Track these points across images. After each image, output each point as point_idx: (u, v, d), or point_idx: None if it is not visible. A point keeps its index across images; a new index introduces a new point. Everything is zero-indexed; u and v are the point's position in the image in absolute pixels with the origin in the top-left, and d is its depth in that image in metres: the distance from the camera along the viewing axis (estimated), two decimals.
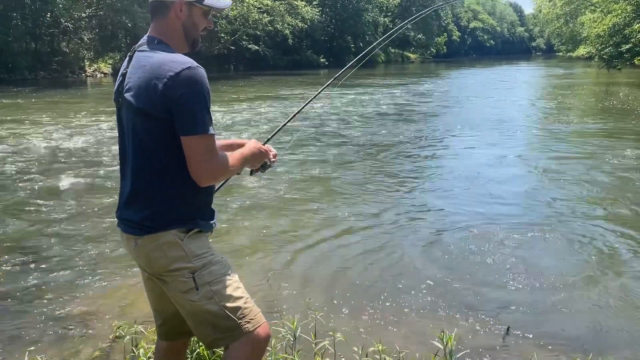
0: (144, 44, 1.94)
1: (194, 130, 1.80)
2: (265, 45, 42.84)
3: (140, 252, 1.91)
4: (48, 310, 3.75)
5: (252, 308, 1.98)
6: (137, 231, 1.90)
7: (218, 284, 1.92)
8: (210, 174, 1.87)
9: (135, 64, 1.89)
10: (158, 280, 1.96)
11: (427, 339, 3.15)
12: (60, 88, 23.79)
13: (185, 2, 1.93)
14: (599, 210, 6.04)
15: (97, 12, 35.14)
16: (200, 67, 1.84)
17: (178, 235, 1.89)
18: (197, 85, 1.80)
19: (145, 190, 1.90)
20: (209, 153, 1.83)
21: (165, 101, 1.78)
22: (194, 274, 1.89)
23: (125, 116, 1.91)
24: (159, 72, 1.79)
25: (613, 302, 3.82)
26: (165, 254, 1.88)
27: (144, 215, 1.88)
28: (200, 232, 1.97)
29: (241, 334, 1.92)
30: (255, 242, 5.10)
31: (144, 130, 1.85)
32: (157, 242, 1.88)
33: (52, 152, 9.51)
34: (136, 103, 1.83)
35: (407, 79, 30.85)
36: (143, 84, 1.81)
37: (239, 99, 19.37)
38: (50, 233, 5.32)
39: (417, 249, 4.92)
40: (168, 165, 1.86)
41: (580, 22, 47.02)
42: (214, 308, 1.90)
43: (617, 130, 12.07)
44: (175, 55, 1.87)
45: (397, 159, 9.05)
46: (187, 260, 1.89)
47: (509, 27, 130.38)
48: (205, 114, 1.82)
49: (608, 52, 34.34)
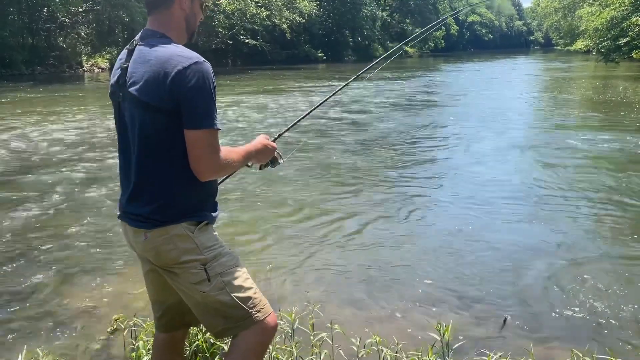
0: (145, 37, 1.93)
1: (199, 124, 1.80)
2: (263, 39, 42.72)
3: (149, 245, 1.92)
4: (46, 304, 3.76)
5: (261, 298, 2.02)
6: (146, 224, 1.90)
7: (229, 275, 1.96)
8: (211, 169, 1.87)
9: (138, 58, 1.88)
10: (166, 273, 1.97)
11: (424, 330, 3.17)
12: (57, 83, 23.71)
13: None
14: (598, 205, 6.05)
15: (94, 6, 34.99)
16: (207, 62, 1.85)
17: (188, 228, 1.91)
18: (205, 80, 1.81)
19: (152, 184, 1.90)
20: (211, 147, 1.84)
21: (172, 95, 1.78)
22: (205, 265, 1.92)
23: (129, 111, 1.90)
24: (167, 66, 1.79)
25: (610, 295, 3.84)
26: (176, 246, 1.90)
27: (153, 209, 1.89)
28: (208, 224, 1.99)
29: (252, 323, 1.96)
30: (253, 235, 5.11)
31: (150, 124, 1.85)
32: (168, 234, 1.89)
33: (48, 147, 9.49)
34: (142, 97, 1.83)
35: (409, 73, 30.82)
36: (150, 78, 1.81)
37: (239, 93, 19.33)
38: (48, 227, 5.33)
39: (415, 241, 4.93)
40: (175, 158, 1.86)
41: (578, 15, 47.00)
42: (226, 298, 1.93)
43: (616, 122, 12.09)
44: (182, 49, 1.87)
45: (397, 155, 9.05)
46: (198, 252, 1.91)
47: (507, 21, 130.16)
48: (212, 108, 1.83)
49: (606, 46, 34.33)
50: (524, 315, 3.54)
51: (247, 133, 10.77)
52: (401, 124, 12.10)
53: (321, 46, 52.44)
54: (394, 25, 72.84)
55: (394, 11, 73.51)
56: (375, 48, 62.82)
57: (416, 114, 13.97)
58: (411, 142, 10.02)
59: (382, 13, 67.16)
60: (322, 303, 3.54)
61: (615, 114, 13.54)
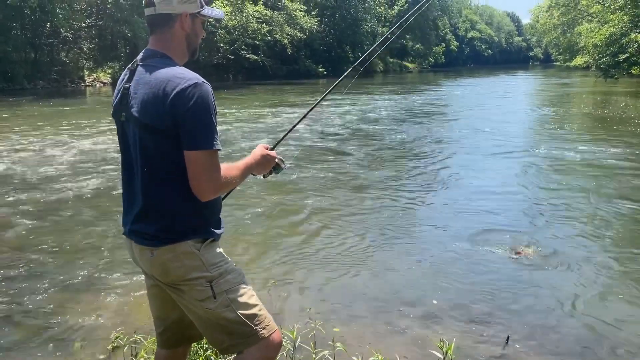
0: (146, 57, 1.95)
1: (198, 145, 1.81)
2: (264, 54, 43.00)
3: (156, 262, 1.93)
4: (46, 320, 3.74)
5: (266, 315, 2.03)
6: (153, 242, 1.91)
7: (235, 292, 1.97)
8: (211, 189, 1.88)
9: (139, 79, 1.90)
10: (172, 289, 1.98)
11: (427, 348, 3.15)
12: (59, 97, 23.82)
13: (190, 14, 1.96)
14: (598, 220, 6.04)
15: (97, 22, 35.29)
16: (207, 82, 1.86)
17: (195, 245, 1.92)
18: (204, 101, 1.81)
19: (157, 203, 1.91)
20: (211, 168, 1.85)
21: (172, 116, 1.80)
22: (211, 282, 1.93)
23: (132, 131, 1.91)
24: (166, 88, 1.80)
25: (614, 312, 3.82)
26: (183, 264, 1.91)
27: (159, 228, 1.90)
28: (214, 241, 2.00)
29: (257, 340, 1.97)
30: (255, 251, 5.10)
31: (152, 145, 1.86)
32: (174, 252, 1.90)
33: (48, 161, 9.51)
34: (143, 118, 1.84)
35: (408, 88, 30.97)
36: (150, 99, 1.83)
37: (240, 107, 19.41)
38: (46, 243, 5.31)
39: (417, 258, 4.92)
40: (178, 177, 1.87)
41: (578, 32, 47.33)
42: (232, 315, 1.94)
43: (615, 137, 12.12)
44: (182, 70, 1.88)
45: (398, 169, 9.06)
46: (204, 269, 1.93)
47: (507, 37, 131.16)
48: (211, 129, 1.83)
49: (605, 62, 34.56)
50: (526, 333, 3.51)
51: (246, 148, 10.79)
52: (406, 136, 12.12)
53: (322, 61, 52.76)
54: (394, 41, 73.34)
55: (394, 27, 74.07)
56: (375, 63, 63.22)
57: (418, 126, 14.00)
58: (412, 156, 10.03)
59: (383, 29, 67.68)
60: (324, 320, 3.52)
61: (614, 128, 13.58)
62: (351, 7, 56.76)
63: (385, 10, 70.16)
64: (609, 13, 35.67)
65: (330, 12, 55.41)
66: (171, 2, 1.93)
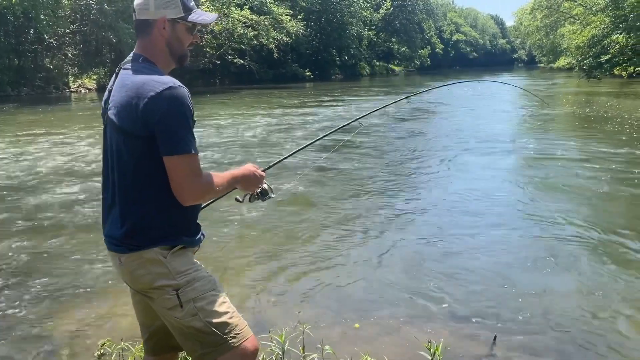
0: (129, 61, 1.95)
1: (175, 150, 1.80)
2: (251, 59, 42.98)
3: (125, 270, 1.92)
4: (31, 328, 3.70)
5: (237, 322, 1.98)
6: (120, 249, 1.90)
7: (202, 300, 1.93)
8: (193, 194, 1.87)
9: (120, 82, 1.90)
10: (144, 297, 1.97)
11: (415, 349, 3.16)
12: (43, 104, 23.59)
13: (168, 20, 1.94)
14: (584, 219, 6.10)
15: (82, 28, 35.04)
16: (183, 86, 1.85)
17: (161, 253, 1.90)
18: (179, 105, 1.80)
19: (126, 208, 1.90)
20: (192, 173, 1.84)
21: (146, 121, 1.78)
22: (177, 291, 1.90)
23: (109, 134, 1.92)
24: (140, 92, 1.79)
25: (602, 312, 3.85)
26: (149, 271, 1.89)
27: (125, 233, 1.89)
28: (185, 248, 1.97)
29: (228, 349, 1.93)
30: (243, 257, 5.08)
31: (126, 149, 1.85)
32: (141, 259, 1.89)
33: (33, 168, 9.41)
34: (118, 122, 1.84)
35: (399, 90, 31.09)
36: (125, 103, 1.82)
37: (227, 113, 19.36)
38: (34, 250, 5.25)
39: (405, 261, 4.93)
40: (150, 183, 1.86)
41: (560, 33, 47.98)
42: (199, 324, 1.91)
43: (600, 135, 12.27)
44: (158, 74, 1.87)
45: (384, 176, 9.09)
46: (171, 277, 1.90)
47: (491, 39, 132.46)
48: (187, 133, 1.82)
49: (588, 63, 35.08)
50: (514, 333, 3.54)
51: (232, 155, 10.77)
52: (385, 150, 12.17)
53: (309, 65, 52.88)
54: (380, 44, 73.75)
55: (380, 30, 74.49)
56: (362, 67, 63.50)
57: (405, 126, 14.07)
58: (401, 162, 10.07)
59: (369, 32, 68.04)
60: (312, 323, 3.52)
61: (597, 127, 13.75)
62: (337, 11, 56.97)
63: (370, 14, 70.50)
64: (591, 15, 36.22)
65: (316, 16, 55.58)
66: (148, 8, 1.92)
